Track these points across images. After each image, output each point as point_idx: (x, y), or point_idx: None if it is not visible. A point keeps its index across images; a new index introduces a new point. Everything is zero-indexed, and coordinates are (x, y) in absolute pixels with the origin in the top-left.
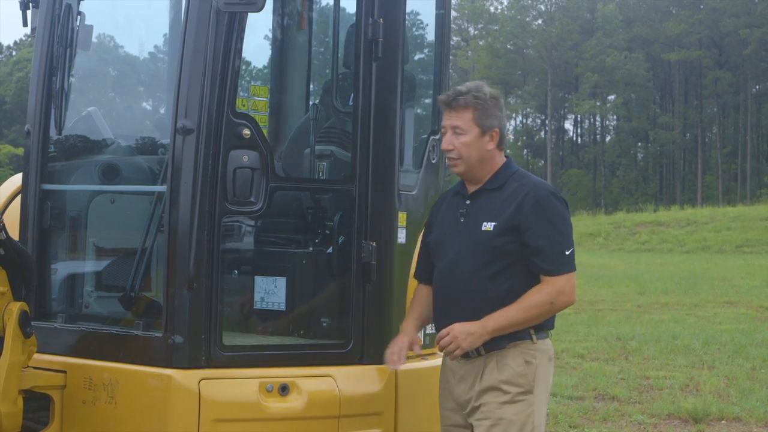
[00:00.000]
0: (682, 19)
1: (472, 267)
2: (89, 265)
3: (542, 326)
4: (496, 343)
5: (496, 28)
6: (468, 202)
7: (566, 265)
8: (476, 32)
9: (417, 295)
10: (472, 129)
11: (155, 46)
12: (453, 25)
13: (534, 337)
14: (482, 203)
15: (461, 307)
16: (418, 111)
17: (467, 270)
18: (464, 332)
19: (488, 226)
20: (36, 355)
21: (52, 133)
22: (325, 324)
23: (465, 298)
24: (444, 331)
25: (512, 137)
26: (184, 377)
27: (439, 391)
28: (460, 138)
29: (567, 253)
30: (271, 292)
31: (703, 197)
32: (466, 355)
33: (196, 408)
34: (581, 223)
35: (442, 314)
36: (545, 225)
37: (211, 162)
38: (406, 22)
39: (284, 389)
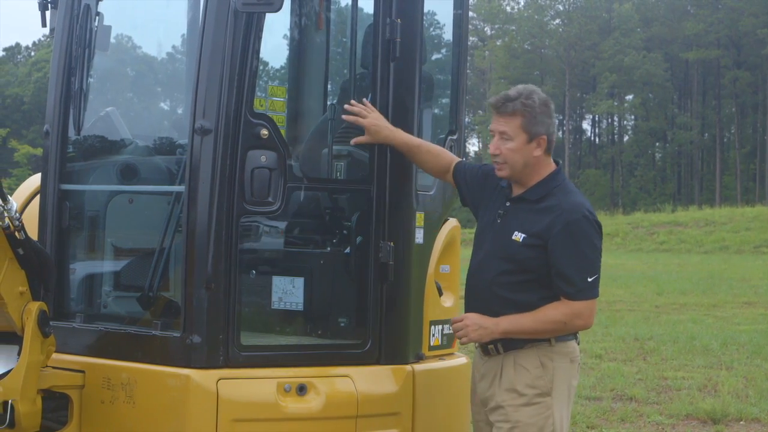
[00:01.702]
0: (701, 18)
1: (496, 272)
2: (107, 265)
3: None
4: (515, 343)
5: (513, 28)
6: (508, 204)
7: (587, 292)
8: (493, 32)
9: (442, 150)
10: (519, 135)
11: (173, 47)
12: (470, 25)
13: (552, 340)
14: (519, 211)
15: (482, 305)
16: (436, 111)
17: (491, 273)
18: (477, 324)
19: (518, 236)
20: (55, 355)
21: (71, 133)
22: (342, 324)
23: (487, 299)
24: (459, 317)
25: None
26: (202, 377)
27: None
28: (507, 144)
29: (590, 279)
30: (288, 292)
31: (722, 197)
32: (487, 352)
33: (214, 408)
34: None
35: (467, 306)
36: (571, 250)
37: (229, 162)
38: (424, 22)
39: (302, 389)
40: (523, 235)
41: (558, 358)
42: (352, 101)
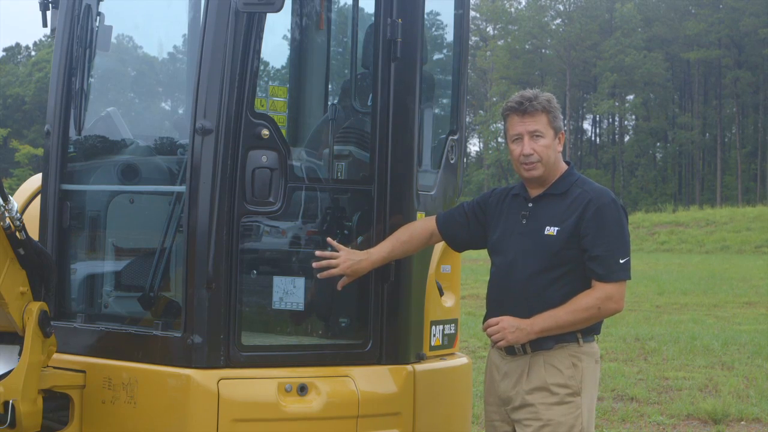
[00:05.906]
0: (702, 18)
1: (532, 270)
2: (108, 265)
3: (590, 330)
4: (543, 344)
5: (514, 28)
6: (530, 204)
7: (618, 273)
8: (495, 32)
9: (411, 228)
10: (548, 132)
11: (174, 47)
12: (472, 25)
13: (581, 340)
14: (546, 207)
15: (516, 306)
16: (437, 111)
17: (526, 272)
18: (513, 326)
19: (551, 230)
20: (55, 355)
21: (72, 133)
22: (343, 324)
23: (521, 298)
24: (493, 320)
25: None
26: (203, 377)
27: (484, 386)
28: (539, 141)
29: (621, 261)
30: (289, 292)
31: (723, 197)
32: (512, 352)
33: (215, 408)
34: None
35: (496, 310)
36: (604, 233)
37: (230, 162)
38: (425, 22)
39: (303, 389)
40: (557, 228)
41: (586, 358)
42: (317, 252)
